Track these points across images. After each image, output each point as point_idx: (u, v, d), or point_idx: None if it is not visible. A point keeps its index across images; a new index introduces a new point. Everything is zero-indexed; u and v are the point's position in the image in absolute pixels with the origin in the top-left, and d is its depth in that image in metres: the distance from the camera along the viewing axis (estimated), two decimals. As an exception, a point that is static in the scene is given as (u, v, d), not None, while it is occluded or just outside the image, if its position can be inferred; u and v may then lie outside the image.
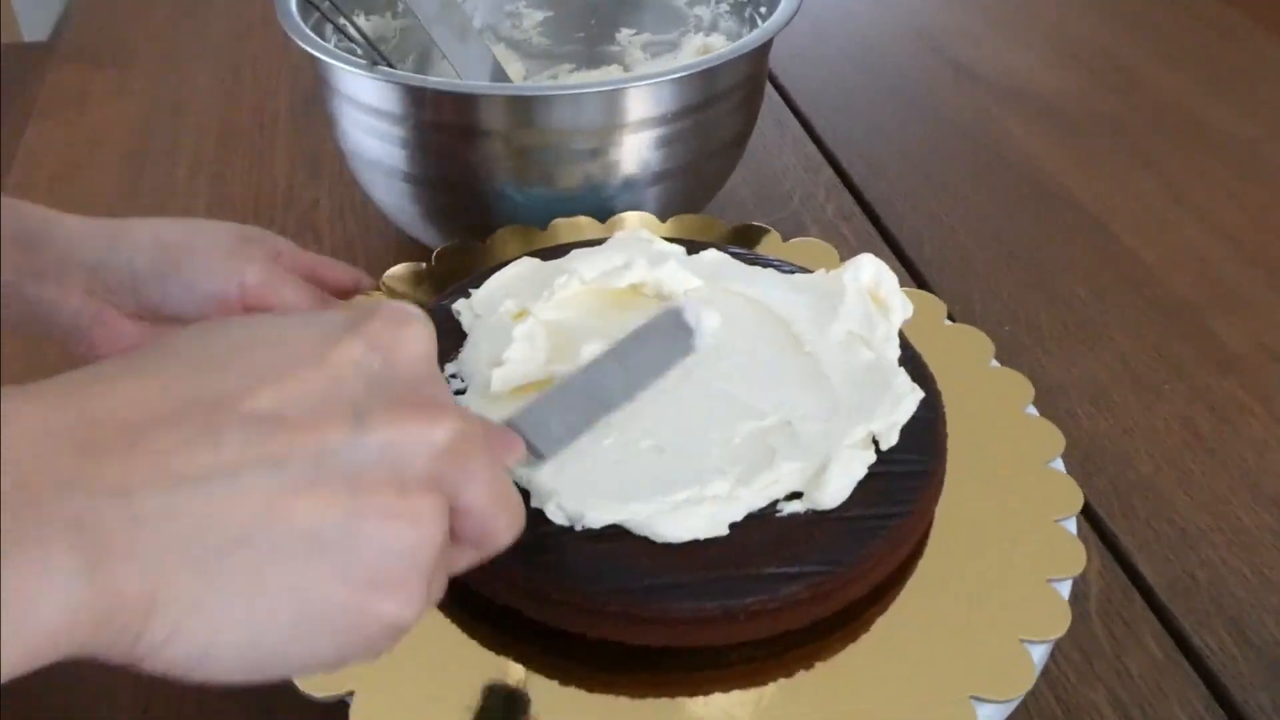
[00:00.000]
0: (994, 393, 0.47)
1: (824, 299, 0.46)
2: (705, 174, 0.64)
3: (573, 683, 0.36)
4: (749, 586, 0.36)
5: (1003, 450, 0.44)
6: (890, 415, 0.41)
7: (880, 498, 0.39)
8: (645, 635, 0.36)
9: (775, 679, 0.36)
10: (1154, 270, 0.67)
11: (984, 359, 0.49)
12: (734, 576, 0.36)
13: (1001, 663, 0.36)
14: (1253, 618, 0.47)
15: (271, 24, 0.59)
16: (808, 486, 0.38)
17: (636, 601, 0.35)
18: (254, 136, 0.82)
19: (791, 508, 0.38)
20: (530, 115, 0.56)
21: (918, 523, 0.40)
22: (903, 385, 0.42)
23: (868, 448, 0.40)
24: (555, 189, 0.58)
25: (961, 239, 0.70)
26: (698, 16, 0.74)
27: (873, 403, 0.41)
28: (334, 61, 0.55)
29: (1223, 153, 0.79)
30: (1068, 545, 0.40)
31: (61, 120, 0.84)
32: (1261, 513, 0.51)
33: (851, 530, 0.37)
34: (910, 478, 0.40)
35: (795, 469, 0.38)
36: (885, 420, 0.41)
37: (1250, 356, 0.61)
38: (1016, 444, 0.45)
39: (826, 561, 0.36)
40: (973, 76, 0.90)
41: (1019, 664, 0.36)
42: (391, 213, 0.64)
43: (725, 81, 0.59)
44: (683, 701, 0.36)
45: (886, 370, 0.43)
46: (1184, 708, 0.43)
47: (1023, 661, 0.36)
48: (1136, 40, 0.95)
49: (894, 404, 0.41)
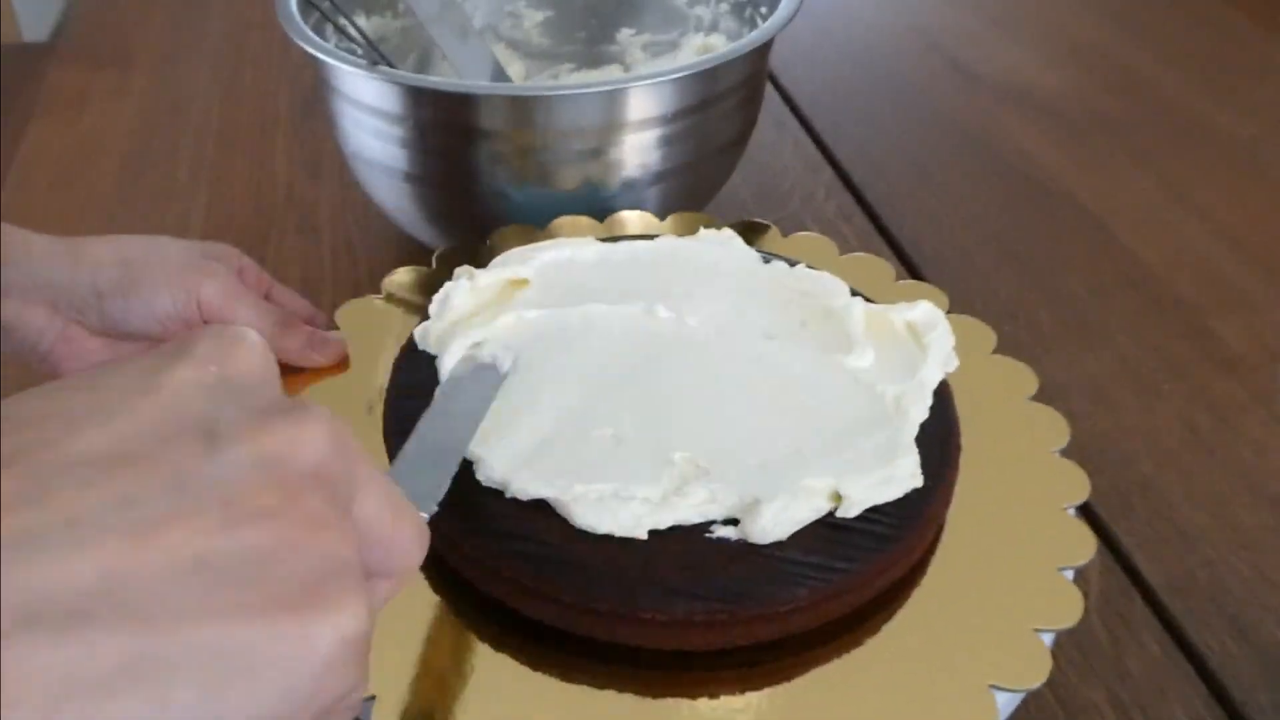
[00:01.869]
0: (997, 382, 0.47)
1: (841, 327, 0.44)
2: (705, 174, 0.64)
3: (582, 681, 0.36)
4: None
5: (1009, 439, 0.44)
6: (867, 490, 0.38)
7: (830, 547, 0.37)
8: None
9: (793, 676, 0.36)
10: (1154, 270, 0.67)
11: (985, 349, 0.49)
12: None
13: (1017, 652, 0.36)
14: (1253, 618, 0.47)
15: (271, 24, 0.59)
16: (743, 515, 0.37)
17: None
18: (254, 136, 0.82)
19: (724, 532, 0.37)
20: (530, 115, 0.56)
21: (862, 582, 0.37)
22: (904, 469, 0.39)
23: (827, 500, 0.38)
24: (555, 189, 0.58)
25: (961, 238, 0.70)
26: (698, 16, 0.74)
27: (857, 464, 0.38)
28: (334, 61, 0.55)
29: (1223, 153, 0.79)
30: (1076, 533, 0.40)
31: (61, 120, 0.85)
32: (1261, 513, 0.51)
33: (781, 570, 0.36)
34: (871, 538, 0.37)
35: (721, 494, 0.37)
36: (860, 491, 0.38)
37: (1250, 356, 0.61)
38: (1022, 432, 0.45)
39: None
40: (973, 76, 0.90)
41: (1035, 653, 0.36)
42: (392, 213, 0.64)
43: (725, 81, 0.59)
44: (698, 700, 0.36)
45: (895, 442, 0.40)
46: (1184, 708, 0.43)
47: (1038, 650, 0.36)
48: (1136, 40, 0.95)
49: (881, 483, 0.38)
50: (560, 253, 0.49)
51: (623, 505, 0.37)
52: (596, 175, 0.57)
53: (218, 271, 0.46)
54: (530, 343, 0.44)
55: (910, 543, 0.38)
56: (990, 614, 0.38)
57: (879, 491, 0.38)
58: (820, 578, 0.36)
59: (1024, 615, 0.37)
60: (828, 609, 0.37)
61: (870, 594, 0.38)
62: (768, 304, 0.46)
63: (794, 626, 0.37)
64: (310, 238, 0.69)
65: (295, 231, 0.70)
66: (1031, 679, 0.35)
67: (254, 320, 0.46)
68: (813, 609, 0.36)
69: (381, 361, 0.48)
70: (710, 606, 0.35)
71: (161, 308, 0.45)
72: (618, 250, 0.49)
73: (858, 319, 0.45)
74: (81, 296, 0.45)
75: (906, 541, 0.38)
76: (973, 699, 0.35)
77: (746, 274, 0.48)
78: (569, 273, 0.48)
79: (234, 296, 0.46)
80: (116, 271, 0.45)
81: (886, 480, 0.38)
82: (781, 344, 0.44)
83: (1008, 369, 0.48)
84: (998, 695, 0.35)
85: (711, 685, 0.36)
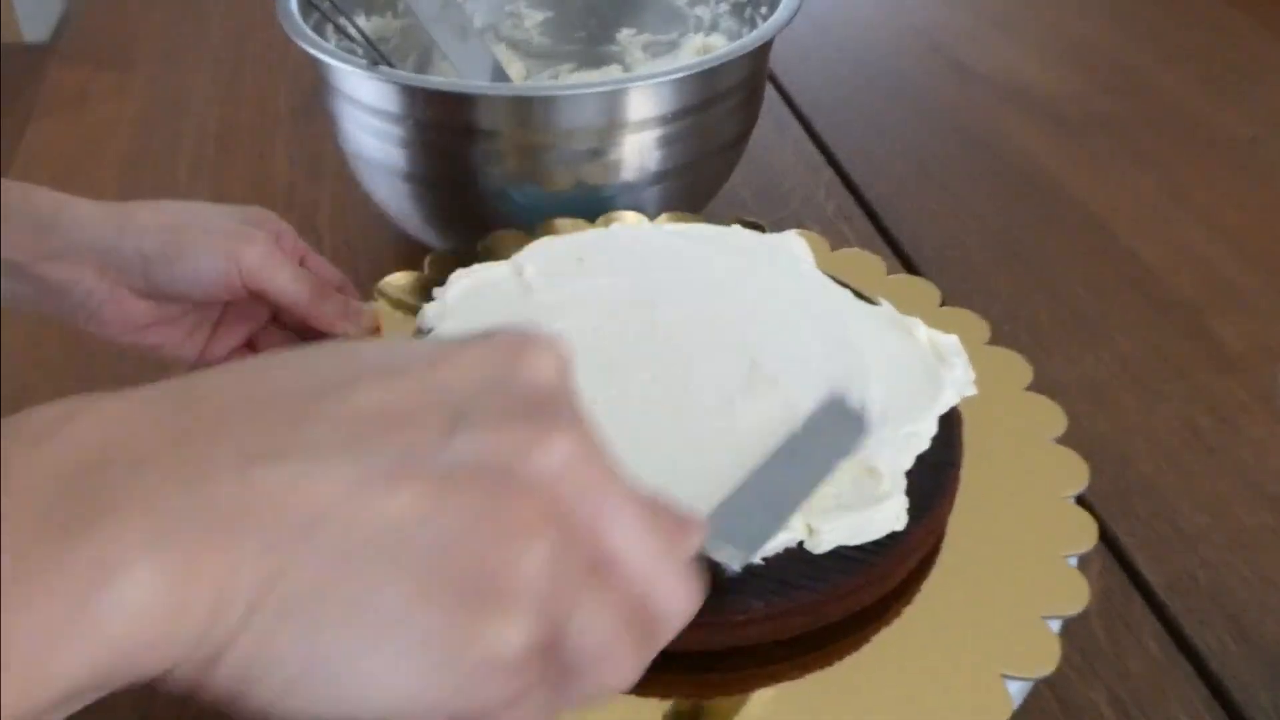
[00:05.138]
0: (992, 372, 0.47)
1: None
2: (705, 174, 0.64)
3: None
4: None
5: (1006, 429, 0.44)
6: (841, 533, 0.36)
7: (799, 565, 0.36)
8: (749, 634, 0.36)
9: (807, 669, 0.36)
10: (1154, 270, 0.67)
11: (979, 340, 0.49)
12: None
13: (1027, 641, 0.36)
14: (1253, 618, 0.47)
15: (271, 24, 0.59)
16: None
17: None
18: (254, 136, 0.82)
19: None
20: (530, 115, 0.56)
21: (823, 605, 0.36)
22: (887, 513, 0.37)
23: (800, 531, 0.37)
24: (555, 189, 0.58)
25: (961, 238, 0.70)
26: (698, 16, 0.73)
27: (835, 501, 0.37)
28: (334, 61, 0.55)
29: (1223, 153, 0.79)
30: (1077, 521, 0.40)
31: (61, 120, 0.85)
32: (1261, 513, 0.51)
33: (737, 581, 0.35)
34: (842, 561, 0.36)
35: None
36: (832, 531, 0.36)
37: (1250, 356, 0.61)
38: (1019, 422, 0.44)
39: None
40: (973, 76, 0.90)
41: (1043, 641, 0.36)
42: (392, 213, 0.64)
43: (725, 81, 0.59)
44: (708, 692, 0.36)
45: (878, 485, 0.38)
46: (1184, 708, 0.43)
47: (1047, 638, 0.36)
48: (1136, 40, 0.95)
49: (856, 526, 0.37)
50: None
51: None
52: (596, 175, 0.57)
53: (258, 239, 0.47)
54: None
55: (882, 570, 0.37)
56: (997, 603, 0.38)
57: (854, 533, 0.37)
58: (780, 594, 0.36)
59: (1031, 604, 0.37)
60: (788, 624, 0.37)
61: (839, 614, 0.37)
62: (784, 326, 0.46)
63: (750, 637, 0.36)
64: (310, 238, 0.69)
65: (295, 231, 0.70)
66: (1041, 667, 0.36)
67: (290, 287, 0.47)
68: (769, 622, 0.36)
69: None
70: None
71: (205, 273, 0.46)
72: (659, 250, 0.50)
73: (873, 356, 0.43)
74: (129, 260, 0.46)
75: (879, 569, 0.37)
76: (985, 689, 0.35)
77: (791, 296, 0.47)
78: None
79: (274, 263, 0.47)
80: (162, 237, 0.46)
81: (863, 524, 0.37)
82: (783, 365, 0.43)
83: (1003, 359, 0.48)
84: (1009, 685, 0.35)
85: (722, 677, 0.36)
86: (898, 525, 0.37)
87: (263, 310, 0.51)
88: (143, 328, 0.48)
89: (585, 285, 0.48)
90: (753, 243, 0.51)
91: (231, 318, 0.50)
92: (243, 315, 0.50)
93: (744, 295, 0.47)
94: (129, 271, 0.46)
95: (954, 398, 0.42)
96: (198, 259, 0.46)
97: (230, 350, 0.51)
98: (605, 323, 0.45)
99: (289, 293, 0.47)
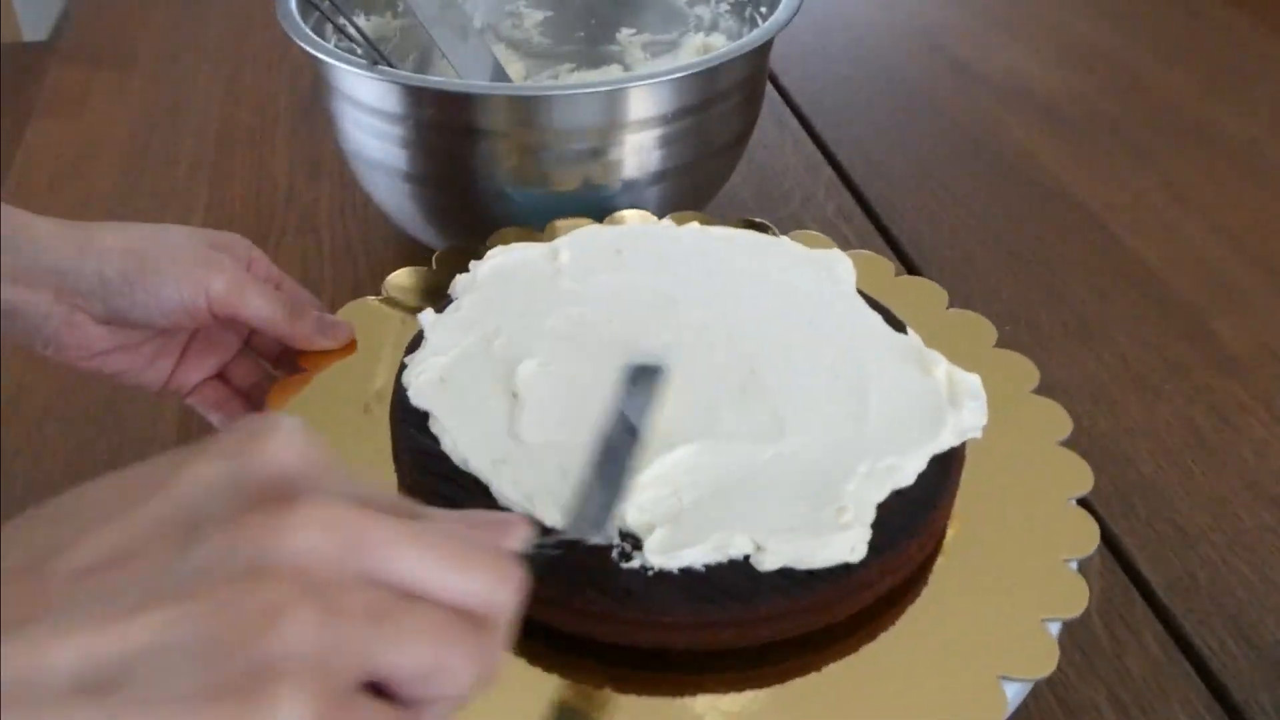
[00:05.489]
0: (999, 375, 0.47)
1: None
2: (705, 174, 0.64)
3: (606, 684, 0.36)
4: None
5: (1011, 432, 0.44)
6: (790, 554, 0.36)
7: (750, 582, 0.36)
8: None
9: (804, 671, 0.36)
10: (1155, 270, 0.67)
11: (986, 343, 0.49)
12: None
13: (1025, 643, 0.36)
14: (1253, 618, 0.47)
15: (271, 24, 0.59)
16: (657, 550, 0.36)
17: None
18: (254, 136, 0.82)
19: None
20: (530, 115, 0.56)
21: (759, 617, 0.36)
22: (841, 543, 0.36)
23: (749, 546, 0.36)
24: (555, 189, 0.58)
25: (962, 238, 0.70)
26: (698, 16, 0.74)
27: (784, 521, 0.37)
28: (334, 61, 0.55)
29: (1223, 153, 0.79)
30: (1079, 524, 0.40)
31: (61, 120, 0.85)
32: (1261, 513, 0.51)
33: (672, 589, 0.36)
34: (788, 581, 0.36)
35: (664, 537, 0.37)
36: (776, 541, 0.36)
37: (1250, 356, 0.61)
38: (1024, 425, 0.44)
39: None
40: (973, 76, 0.90)
41: (1043, 643, 0.36)
42: (392, 213, 0.64)
43: (725, 81, 0.59)
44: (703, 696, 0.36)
45: (845, 510, 0.37)
46: (1184, 708, 0.43)
47: (1045, 641, 0.36)
48: (1136, 40, 0.95)
49: (806, 550, 0.36)
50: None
51: None
52: (596, 175, 0.57)
53: (225, 265, 0.46)
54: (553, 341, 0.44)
55: (824, 599, 0.36)
56: (997, 605, 0.38)
57: (802, 557, 0.36)
58: (712, 601, 0.35)
59: (1030, 606, 0.37)
60: (717, 635, 0.36)
61: (771, 636, 0.36)
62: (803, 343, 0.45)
63: (677, 641, 0.36)
64: (310, 238, 0.69)
65: (295, 231, 0.70)
66: (1039, 669, 0.36)
67: (264, 308, 0.46)
68: (698, 630, 0.36)
69: (380, 363, 0.48)
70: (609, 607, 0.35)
71: (168, 300, 0.45)
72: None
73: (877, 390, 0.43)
74: (88, 283, 0.44)
75: (821, 597, 0.36)
76: (982, 691, 0.35)
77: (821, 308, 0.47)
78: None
79: (243, 287, 0.46)
80: (123, 262, 0.44)
81: (818, 546, 0.36)
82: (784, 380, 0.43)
83: (1009, 363, 0.48)
84: (1007, 686, 0.35)
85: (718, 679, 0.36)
86: (852, 557, 0.36)
87: (233, 339, 0.50)
88: (102, 354, 0.46)
89: (614, 278, 0.48)
90: (798, 257, 0.50)
91: (200, 346, 0.49)
92: (212, 344, 0.49)
93: (768, 309, 0.46)
94: (88, 295, 0.44)
95: (953, 440, 0.40)
96: (160, 285, 0.44)
97: (199, 380, 0.49)
98: (620, 316, 0.45)
99: (263, 314, 0.46)
